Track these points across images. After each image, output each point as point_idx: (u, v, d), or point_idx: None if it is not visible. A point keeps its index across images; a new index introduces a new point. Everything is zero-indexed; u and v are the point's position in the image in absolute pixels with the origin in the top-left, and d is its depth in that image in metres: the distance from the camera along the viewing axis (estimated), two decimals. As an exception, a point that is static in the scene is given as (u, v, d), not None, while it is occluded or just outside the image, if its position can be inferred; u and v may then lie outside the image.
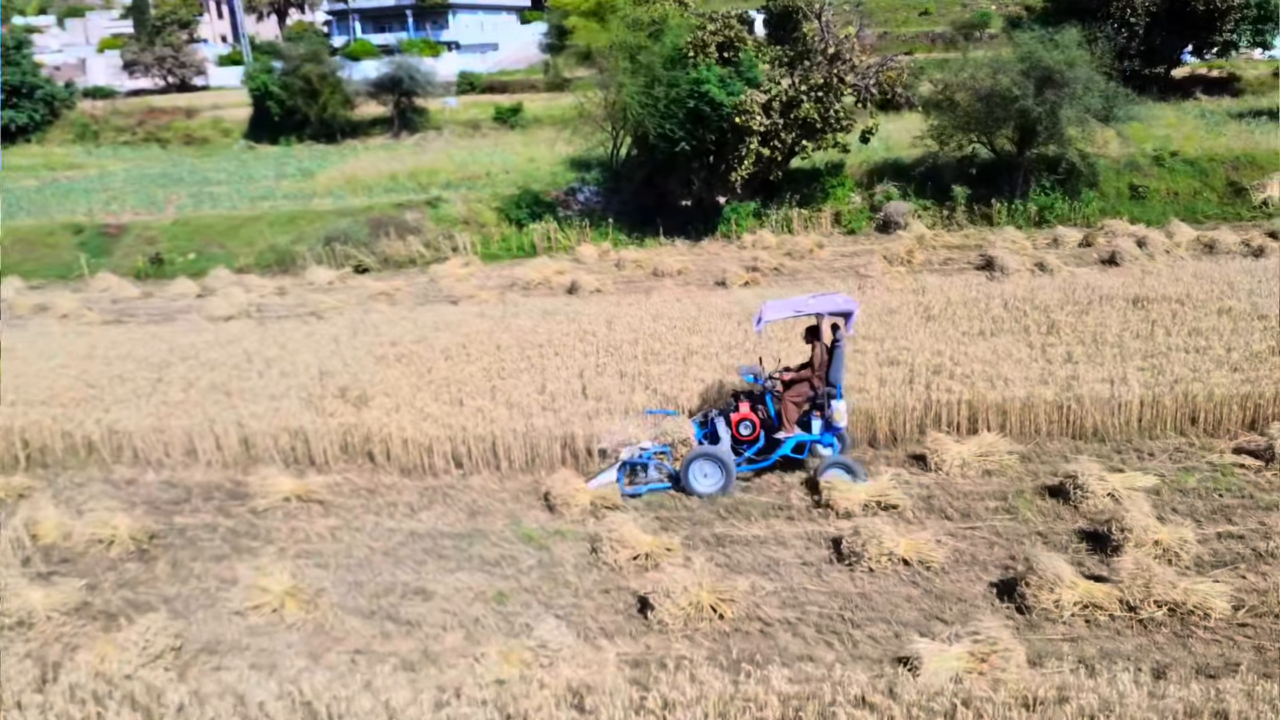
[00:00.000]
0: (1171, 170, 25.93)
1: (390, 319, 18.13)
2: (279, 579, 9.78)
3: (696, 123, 23.06)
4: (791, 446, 11.72)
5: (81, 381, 15.14)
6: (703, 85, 22.30)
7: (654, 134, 23.24)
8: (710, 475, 11.46)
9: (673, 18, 23.93)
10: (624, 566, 10.15)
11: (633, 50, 23.52)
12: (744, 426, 11.81)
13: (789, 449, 11.72)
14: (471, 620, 9.44)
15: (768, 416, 11.89)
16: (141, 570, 10.76)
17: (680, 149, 23.27)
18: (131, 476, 13.22)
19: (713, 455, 11.45)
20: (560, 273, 22.92)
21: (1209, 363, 13.14)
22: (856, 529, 10.07)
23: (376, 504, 12.04)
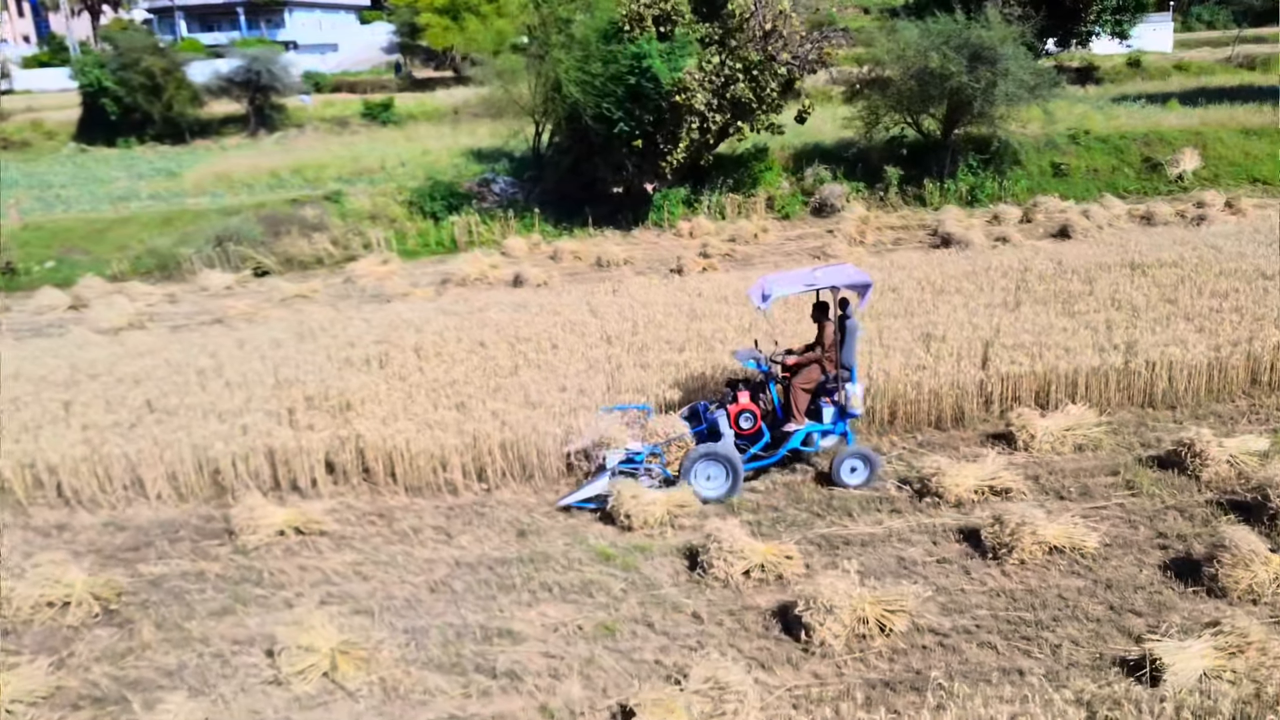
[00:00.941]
0: (1088, 148, 26.34)
1: (335, 320, 15.76)
2: (322, 633, 7.69)
3: (635, 101, 21.53)
4: (802, 439, 10.33)
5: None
6: (644, 60, 20.80)
7: (590, 114, 21.57)
8: (715, 477, 9.98)
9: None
10: (738, 582, 8.56)
11: (564, 23, 21.74)
12: (744, 419, 10.28)
13: (798, 442, 10.34)
14: (584, 662, 7.64)
15: (771, 406, 10.49)
16: (120, 638, 8.36)
17: (619, 130, 21.68)
18: (60, 520, 10.59)
19: (718, 454, 9.91)
20: (494, 266, 21.01)
21: (1249, 321, 12.69)
22: (999, 518, 8.82)
23: (396, 531, 9.97)
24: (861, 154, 26.05)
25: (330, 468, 11.04)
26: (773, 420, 10.46)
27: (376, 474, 10.93)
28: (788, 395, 10.37)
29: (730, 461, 9.89)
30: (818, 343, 10.48)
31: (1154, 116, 28.36)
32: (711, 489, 9.96)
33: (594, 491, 9.97)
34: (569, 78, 21.09)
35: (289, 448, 10.85)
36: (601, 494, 9.88)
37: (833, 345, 10.36)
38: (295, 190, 26.59)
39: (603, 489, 9.88)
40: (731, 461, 9.89)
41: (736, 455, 9.96)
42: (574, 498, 10.03)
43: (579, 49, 21.33)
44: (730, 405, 10.31)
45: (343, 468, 11.01)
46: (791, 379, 10.36)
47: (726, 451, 9.92)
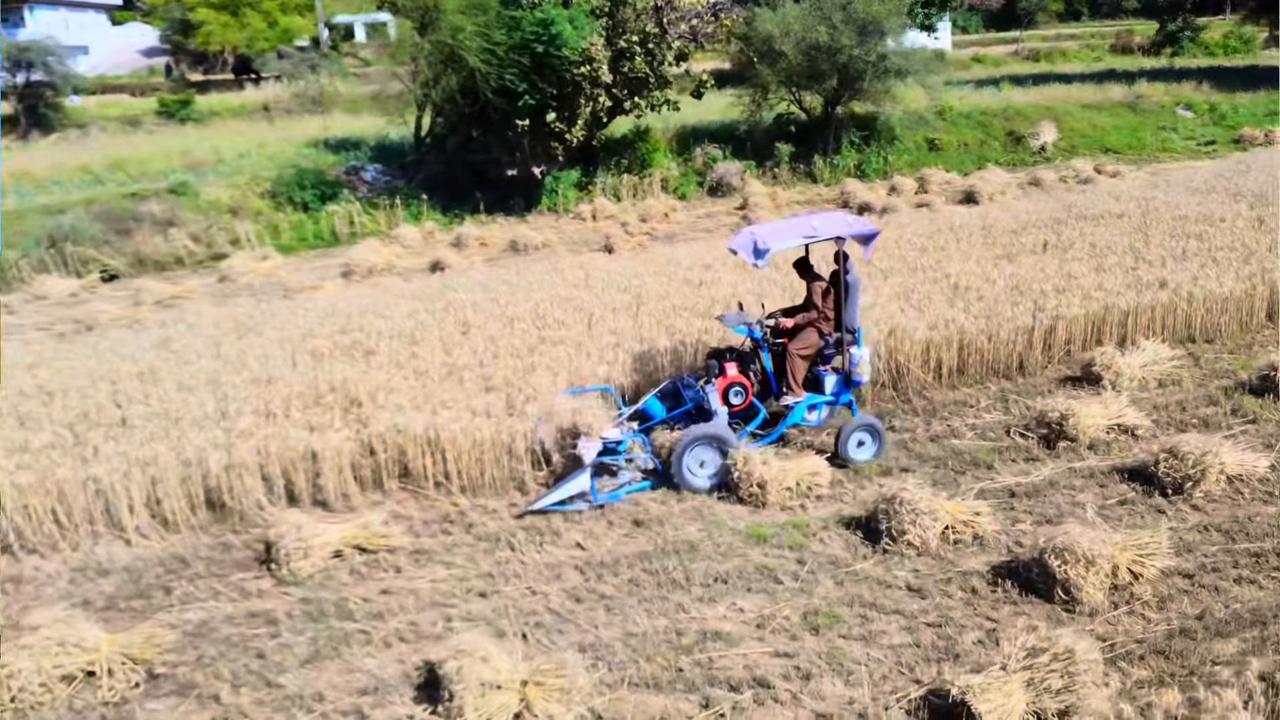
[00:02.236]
0: (955, 124, 27.20)
1: (268, 314, 13.29)
2: (503, 664, 5.93)
3: (539, 73, 19.98)
4: (803, 414, 9.21)
5: None
6: (552, 27, 19.30)
7: (493, 87, 19.78)
8: (708, 464, 8.62)
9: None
10: (937, 547, 7.50)
11: None
12: (735, 394, 8.99)
13: (799, 417, 9.19)
14: (824, 655, 6.32)
15: (764, 377, 9.27)
16: (188, 709, 6.17)
17: (524, 103, 20.04)
18: (12, 573, 7.98)
19: (713, 438, 8.54)
20: (400, 255, 18.88)
21: (1244, 258, 12.97)
22: (1173, 451, 8.23)
23: (480, 537, 8.17)
24: (748, 133, 25.62)
25: (357, 473, 8.99)
26: (764, 393, 9.28)
27: (418, 474, 9.00)
28: (782, 364, 9.18)
29: (726, 445, 8.55)
30: (808, 303, 9.37)
31: (1001, 97, 29.70)
32: (704, 477, 8.60)
33: (573, 490, 8.35)
34: (471, 46, 19.21)
35: (312, 452, 8.73)
36: (583, 491, 8.35)
37: (828, 305, 9.24)
38: (118, 186, 22.95)
39: (584, 486, 8.36)
40: (728, 445, 8.55)
41: (733, 437, 8.65)
42: (548, 500, 8.33)
43: (478, 13, 19.47)
44: (717, 379, 8.96)
45: (373, 471, 8.99)
46: (787, 345, 9.16)
47: (721, 433, 8.55)
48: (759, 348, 9.19)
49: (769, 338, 9.20)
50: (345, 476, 8.84)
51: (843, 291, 9.01)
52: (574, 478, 8.42)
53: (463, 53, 19.46)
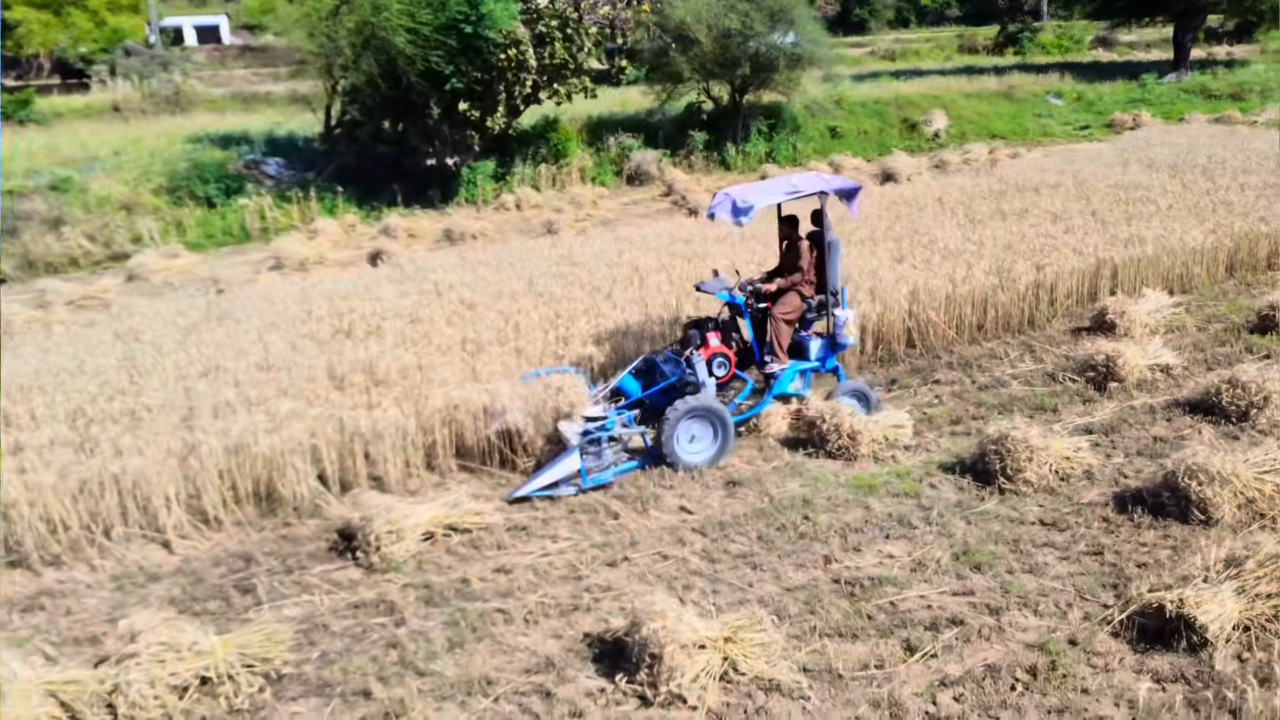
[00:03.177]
0: (853, 113, 27.95)
1: (235, 302, 12.16)
2: (698, 623, 5.52)
3: (466, 56, 19.24)
4: (790, 381, 8.81)
5: None
6: (480, 6, 18.61)
7: (418, 70, 18.89)
8: (700, 438, 8.13)
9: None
10: (1053, 483, 7.53)
11: None
12: (718, 365, 8.58)
13: (786, 385, 8.77)
14: (999, 591, 6.18)
15: (745, 345, 8.97)
16: (338, 710, 5.45)
17: (451, 86, 19.25)
18: (34, 589, 6.90)
19: (707, 410, 8.02)
20: (330, 248, 17.79)
21: (1195, 215, 13.77)
22: (1233, 382, 8.57)
23: (571, 508, 7.64)
24: (660, 123, 25.54)
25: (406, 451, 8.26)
26: (743, 363, 8.95)
27: (477, 451, 8.37)
28: (763, 330, 8.84)
29: (719, 417, 8.09)
30: (789, 265, 9.01)
31: (890, 88, 30.79)
32: (696, 453, 8.12)
33: (561, 474, 7.76)
34: (396, 24, 18.27)
35: (363, 433, 7.96)
36: (569, 475, 7.81)
37: (811, 266, 8.89)
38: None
39: (573, 468, 7.78)
40: (721, 417, 8.09)
41: (724, 409, 8.19)
42: (533, 485, 7.75)
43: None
44: (698, 350, 8.49)
45: (428, 450, 8.30)
46: (771, 310, 8.77)
47: (713, 405, 8.07)
48: (740, 314, 8.80)
49: (752, 303, 8.82)
50: (412, 457, 8.11)
51: (825, 252, 8.70)
52: (560, 460, 7.79)
53: (384, 33, 18.48)
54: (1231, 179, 16.09)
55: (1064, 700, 5.17)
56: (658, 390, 8.60)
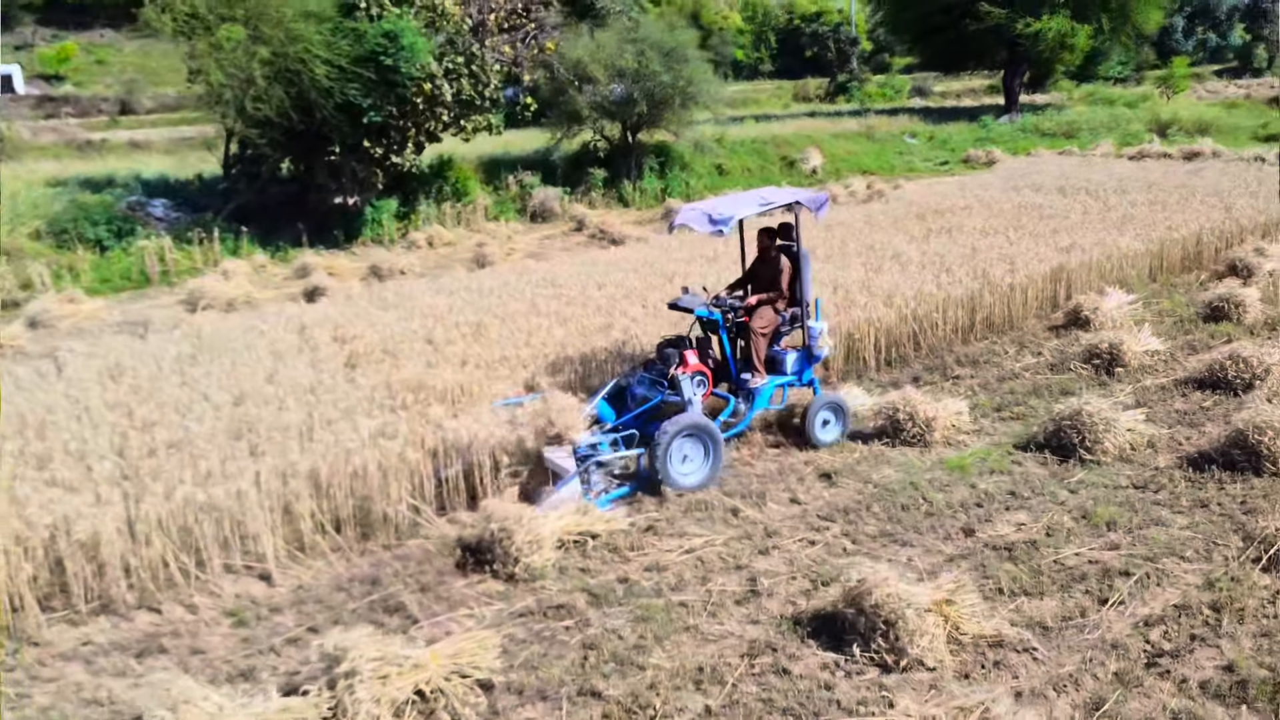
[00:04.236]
0: (735, 151, 29.05)
1: (212, 340, 11.31)
2: (914, 589, 5.65)
3: (381, 89, 18.82)
4: (769, 397, 8.69)
5: None
6: (401, 38, 18.28)
7: (335, 103, 18.29)
8: (692, 458, 7.85)
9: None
10: (1129, 453, 8.14)
11: None
12: (697, 383, 8.39)
13: (766, 401, 8.66)
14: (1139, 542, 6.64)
15: (722, 361, 8.77)
16: (572, 712, 5.22)
17: (369, 119, 18.75)
18: (147, 632, 6.22)
19: (699, 429, 7.77)
20: (257, 287, 16.88)
21: (1108, 226, 15.20)
22: (1234, 357, 9.53)
23: (689, 507, 7.59)
24: (556, 160, 25.71)
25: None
26: (716, 380, 8.71)
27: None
28: (735, 346, 8.74)
29: (711, 435, 7.82)
30: (765, 279, 8.94)
31: (761, 128, 32.21)
32: (688, 474, 7.81)
33: (556, 505, 7.29)
34: (316, 55, 17.65)
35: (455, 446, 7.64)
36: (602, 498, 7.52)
37: (787, 279, 8.85)
38: None
39: (573, 495, 7.37)
40: (713, 435, 7.82)
41: (716, 427, 7.93)
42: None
43: (315, 23, 17.93)
44: (676, 368, 8.26)
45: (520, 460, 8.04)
46: (750, 324, 8.68)
47: (705, 423, 7.80)
48: (717, 331, 8.61)
49: (731, 319, 8.65)
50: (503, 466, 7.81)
51: (799, 264, 8.76)
52: (561, 487, 7.38)
53: (297, 65, 17.82)
54: (1117, 198, 17.83)
55: (1261, 627, 5.59)
56: (637, 415, 8.28)
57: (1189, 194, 17.62)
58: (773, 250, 8.99)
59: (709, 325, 8.65)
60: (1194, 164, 23.63)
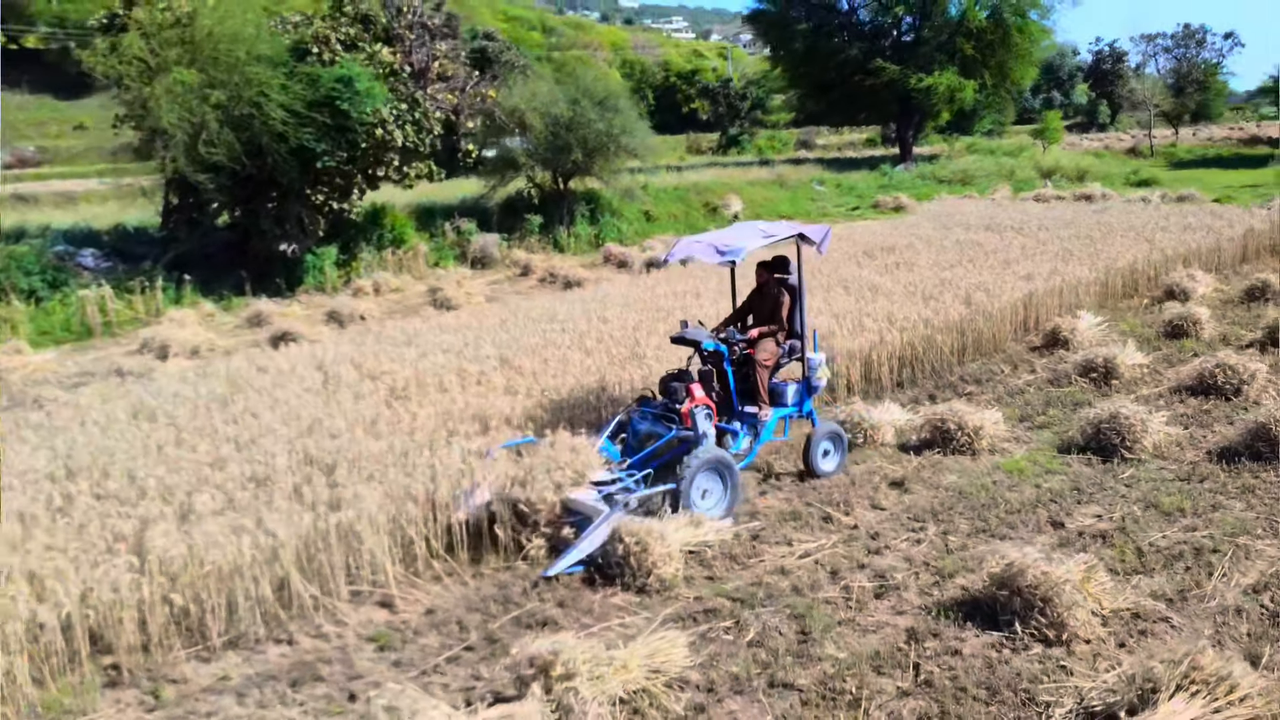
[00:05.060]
0: (659, 199, 29.81)
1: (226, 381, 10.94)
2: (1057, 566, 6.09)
3: (334, 135, 18.67)
4: (773, 429, 8.73)
5: None
6: (355, 83, 18.22)
7: (290, 147, 18.02)
8: (711, 492, 7.81)
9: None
10: (1164, 449, 8.85)
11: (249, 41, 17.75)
12: (704, 417, 8.22)
13: (770, 433, 8.70)
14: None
15: (725, 395, 8.65)
16: (754, 702, 5.39)
17: (323, 164, 18.54)
18: (290, 663, 6.06)
19: (718, 462, 7.79)
20: (219, 335, 16.36)
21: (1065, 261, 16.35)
22: (1223, 366, 10.48)
23: (784, 516, 7.87)
24: (489, 207, 25.85)
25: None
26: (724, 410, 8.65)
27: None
28: (739, 378, 8.70)
29: (729, 468, 7.84)
30: (764, 311, 9.01)
31: (681, 176, 33.13)
32: (709, 507, 7.72)
33: (595, 545, 7.05)
34: (273, 99, 17.38)
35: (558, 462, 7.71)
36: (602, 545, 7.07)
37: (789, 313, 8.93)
38: None
39: (604, 537, 7.06)
40: (731, 468, 7.85)
41: (733, 460, 7.96)
42: (569, 560, 6.95)
43: (270, 68, 17.69)
44: (680, 404, 8.13)
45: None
46: (754, 356, 8.71)
47: (724, 456, 7.83)
48: (720, 363, 8.55)
49: (736, 351, 8.67)
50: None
51: (797, 296, 8.88)
52: (596, 528, 7.08)
53: (250, 110, 17.54)
54: (1046, 234, 19.19)
55: (1359, 589, 6.23)
56: (654, 451, 8.06)
57: (1108, 230, 19.12)
58: (770, 283, 9.03)
59: (711, 358, 8.55)
60: (1095, 205, 25.62)
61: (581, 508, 7.33)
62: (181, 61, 17.63)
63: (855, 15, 40.43)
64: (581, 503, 7.34)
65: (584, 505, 7.32)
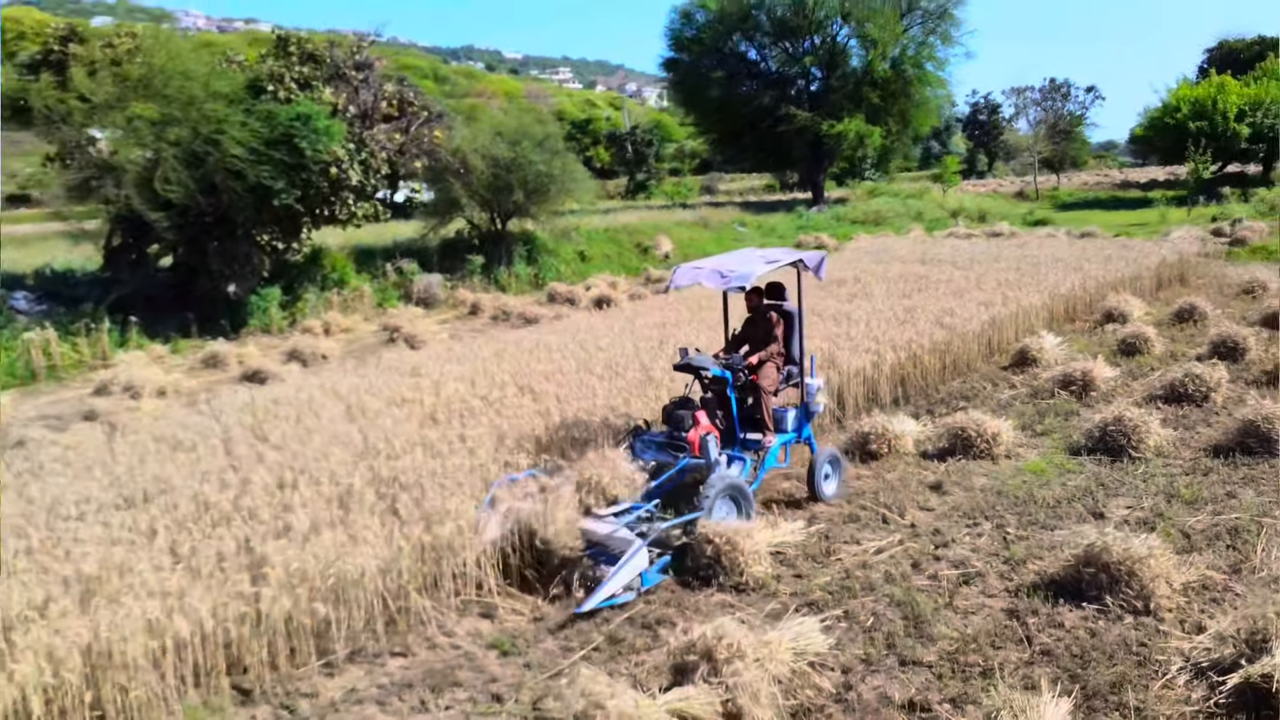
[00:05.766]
0: (593, 240, 30.23)
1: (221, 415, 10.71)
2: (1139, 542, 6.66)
3: (291, 173, 18.49)
4: (776, 455, 8.74)
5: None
6: (312, 120, 18.12)
7: (246, 186, 17.74)
8: (727, 517, 7.69)
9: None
10: (1163, 450, 9.62)
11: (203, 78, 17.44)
12: (712, 445, 8.18)
13: (774, 459, 8.71)
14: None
15: (730, 421, 8.67)
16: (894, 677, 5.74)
17: (281, 200, 18.30)
18: (420, 673, 6.10)
19: (734, 488, 7.76)
20: (183, 376, 15.92)
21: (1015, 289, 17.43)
22: (1190, 375, 11.43)
23: (846, 518, 8.26)
24: (428, 248, 25.81)
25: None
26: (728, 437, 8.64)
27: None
28: (742, 404, 8.75)
29: (744, 494, 7.83)
30: (759, 337, 9.02)
31: (609, 218, 33.67)
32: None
33: (626, 578, 6.86)
34: (234, 136, 17.10)
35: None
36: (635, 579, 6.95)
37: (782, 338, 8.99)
38: None
39: (641, 565, 6.96)
40: (746, 494, 7.83)
41: (748, 486, 7.98)
42: (603, 593, 6.71)
43: (228, 104, 17.43)
44: (687, 432, 8.10)
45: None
46: (758, 382, 8.69)
47: (739, 483, 7.83)
48: (723, 389, 8.54)
49: (741, 378, 8.63)
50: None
51: (793, 322, 9.05)
52: (628, 560, 6.86)
53: (207, 147, 17.25)
54: (980, 267, 20.34)
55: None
56: (667, 479, 8.11)
57: (1037, 263, 20.41)
58: (763, 309, 9.06)
59: (713, 385, 8.56)
60: (1011, 241, 27.22)
61: (599, 538, 7.23)
62: (129, 98, 17.21)
63: (765, 65, 42.13)
64: (598, 533, 7.23)
65: (602, 536, 7.20)
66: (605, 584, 6.72)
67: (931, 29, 40.80)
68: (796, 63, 40.65)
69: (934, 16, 40.16)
